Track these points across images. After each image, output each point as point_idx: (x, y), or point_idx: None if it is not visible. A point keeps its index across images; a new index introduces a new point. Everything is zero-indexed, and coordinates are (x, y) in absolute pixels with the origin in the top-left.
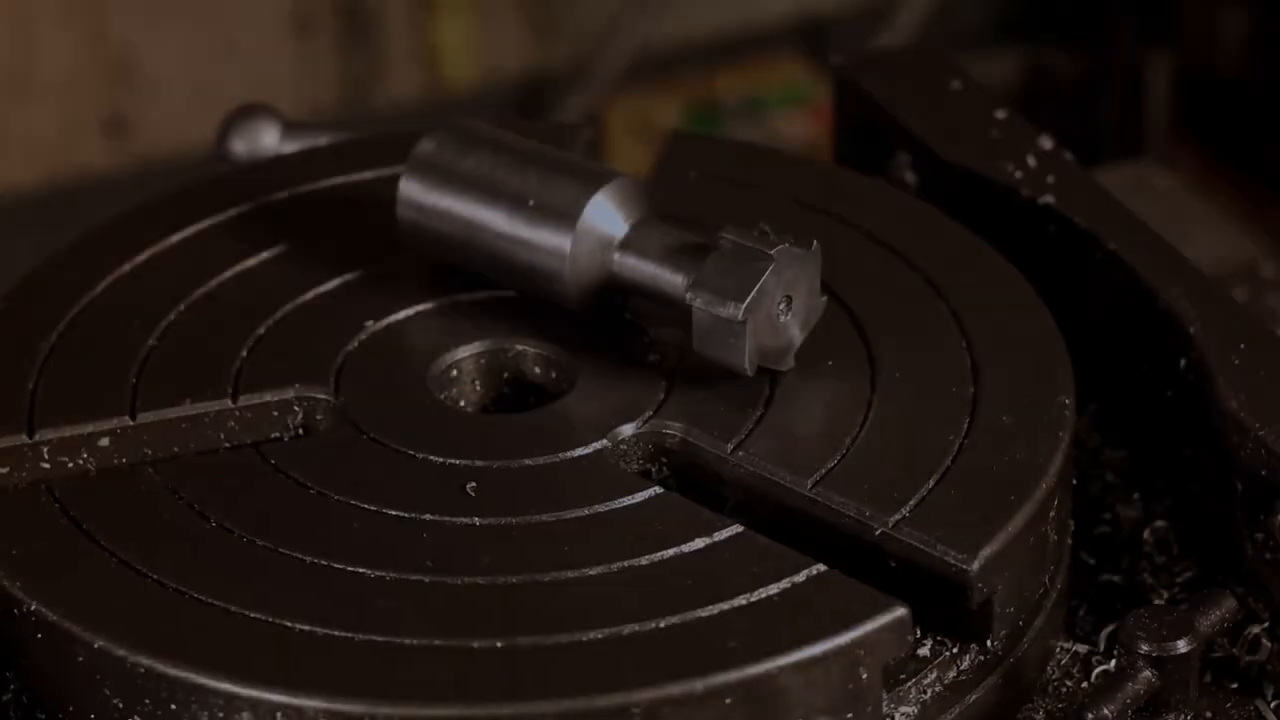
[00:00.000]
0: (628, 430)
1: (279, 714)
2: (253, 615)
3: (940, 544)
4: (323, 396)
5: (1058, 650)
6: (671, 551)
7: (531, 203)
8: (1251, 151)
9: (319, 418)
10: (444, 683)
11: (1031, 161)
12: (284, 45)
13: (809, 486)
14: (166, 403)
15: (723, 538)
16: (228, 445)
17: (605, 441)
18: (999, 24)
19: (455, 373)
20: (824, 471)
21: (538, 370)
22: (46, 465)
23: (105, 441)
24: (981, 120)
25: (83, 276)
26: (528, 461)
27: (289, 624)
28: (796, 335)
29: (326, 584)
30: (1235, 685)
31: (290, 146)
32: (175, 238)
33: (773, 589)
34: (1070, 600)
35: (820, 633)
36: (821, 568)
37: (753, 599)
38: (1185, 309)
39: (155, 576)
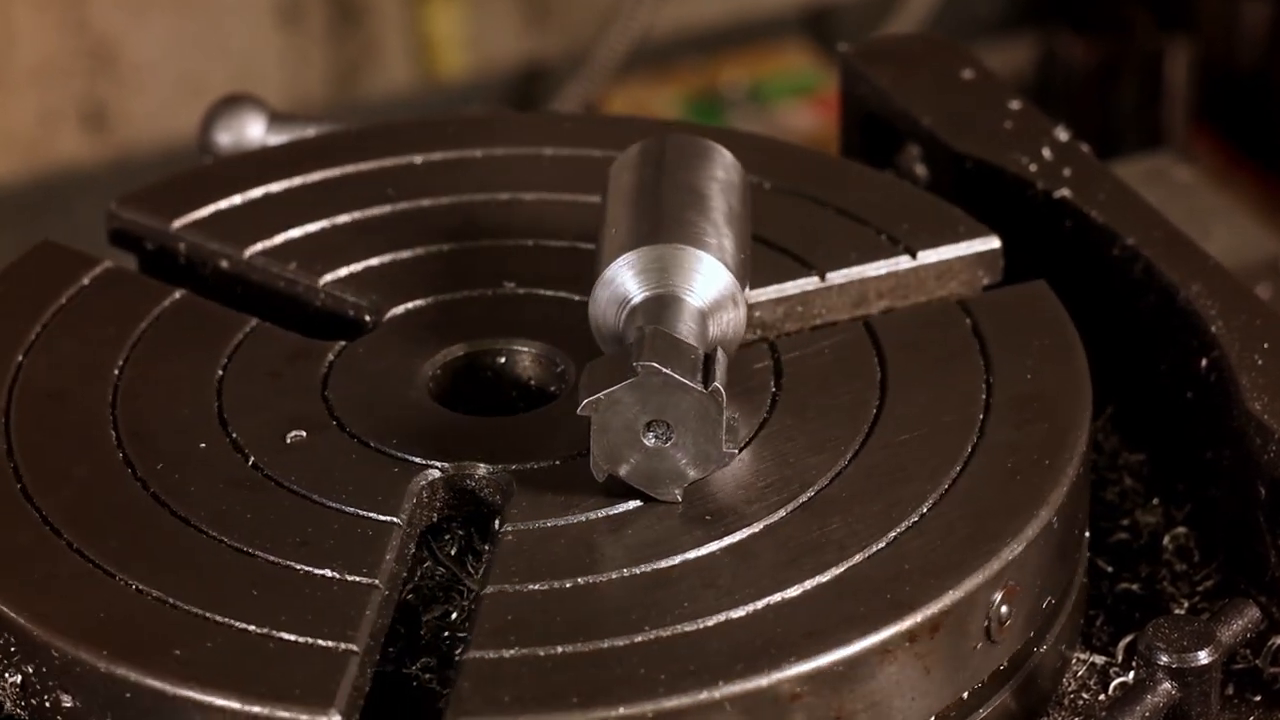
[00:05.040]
0: (449, 467)
1: None
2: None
3: (455, 695)
4: (375, 317)
5: (1074, 662)
6: (314, 569)
7: (613, 231)
8: (1273, 144)
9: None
10: (38, 587)
11: (1047, 153)
12: (271, 34)
13: (481, 590)
14: (279, 260)
15: (357, 582)
16: (316, 319)
17: (439, 465)
18: (1012, 11)
19: (458, 356)
20: (514, 588)
21: (533, 385)
22: (183, 262)
23: (224, 263)
24: (994, 111)
25: (304, 162)
26: (376, 445)
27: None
28: (681, 471)
29: (78, 449)
30: (1259, 698)
31: (276, 139)
32: (370, 164)
33: (286, 636)
34: (1086, 610)
35: (230, 688)
36: (353, 649)
37: (263, 632)
38: (1206, 306)
39: None
